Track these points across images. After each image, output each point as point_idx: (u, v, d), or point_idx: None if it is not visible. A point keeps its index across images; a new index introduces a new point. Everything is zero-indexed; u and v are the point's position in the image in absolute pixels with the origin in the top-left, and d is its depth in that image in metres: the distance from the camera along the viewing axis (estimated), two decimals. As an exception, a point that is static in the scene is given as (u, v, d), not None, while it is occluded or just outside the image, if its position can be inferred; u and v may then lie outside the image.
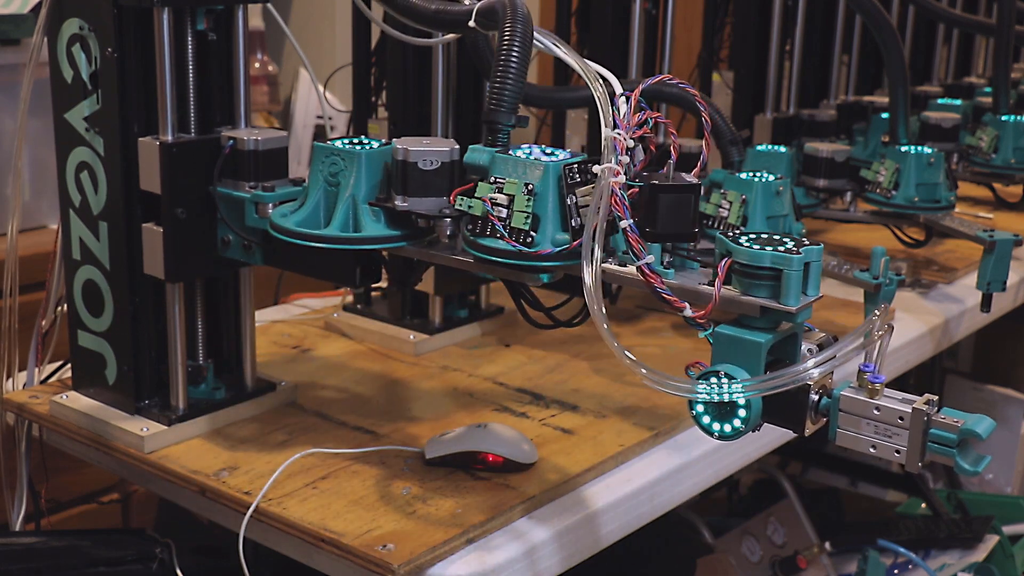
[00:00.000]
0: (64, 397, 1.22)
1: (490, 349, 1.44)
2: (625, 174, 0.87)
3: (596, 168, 0.87)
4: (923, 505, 2.20)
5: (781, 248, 0.83)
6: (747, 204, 1.32)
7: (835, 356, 0.83)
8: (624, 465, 1.16)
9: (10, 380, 1.28)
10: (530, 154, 0.94)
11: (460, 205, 0.95)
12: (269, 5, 1.29)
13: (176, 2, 1.09)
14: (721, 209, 1.34)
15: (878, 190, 1.65)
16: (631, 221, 0.86)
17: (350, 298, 1.53)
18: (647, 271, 0.86)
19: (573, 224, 0.92)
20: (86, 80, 1.13)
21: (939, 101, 2.08)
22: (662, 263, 0.90)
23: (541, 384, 1.33)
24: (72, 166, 1.17)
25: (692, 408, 0.86)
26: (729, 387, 0.83)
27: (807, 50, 1.95)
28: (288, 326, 1.50)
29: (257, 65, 2.67)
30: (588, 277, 0.86)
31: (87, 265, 1.18)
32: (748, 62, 1.95)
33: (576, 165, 0.93)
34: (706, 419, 0.86)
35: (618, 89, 0.92)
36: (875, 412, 0.82)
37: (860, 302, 1.29)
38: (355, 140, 1.05)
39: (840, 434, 0.84)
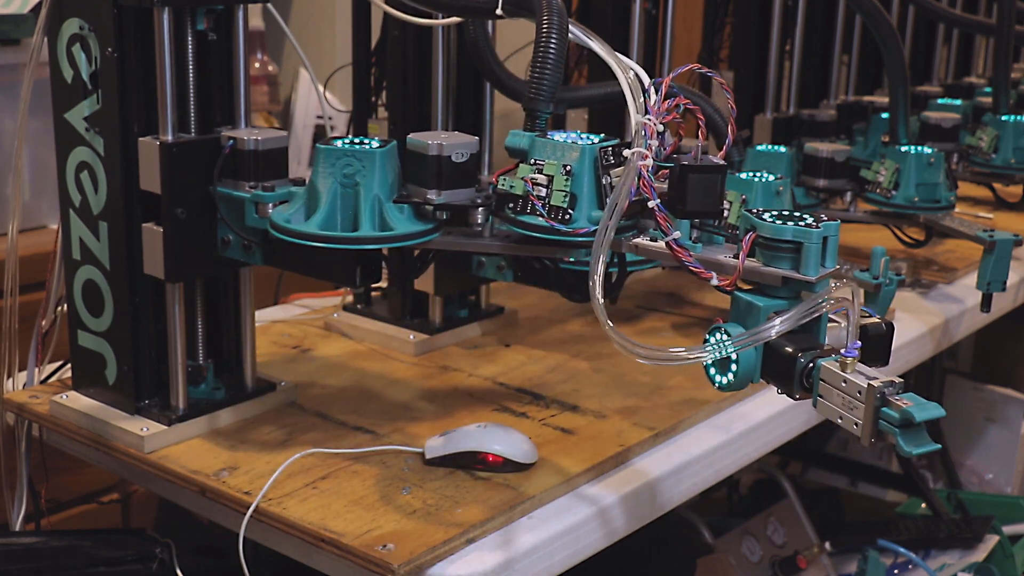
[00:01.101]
0: (64, 397, 1.22)
1: (490, 349, 1.44)
2: (656, 157, 0.94)
3: (626, 152, 0.93)
4: (923, 505, 2.20)
5: (802, 223, 0.89)
6: (747, 204, 1.32)
7: (794, 317, 0.87)
8: (624, 465, 1.16)
9: (10, 380, 1.28)
10: (567, 138, 1.00)
11: (503, 185, 1.01)
12: (269, 5, 1.29)
13: (176, 2, 1.09)
14: (721, 209, 1.33)
15: (878, 190, 1.65)
16: (658, 201, 0.92)
17: (350, 298, 1.53)
18: (675, 246, 0.94)
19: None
20: (86, 80, 1.13)
21: (939, 101, 2.08)
22: (691, 238, 0.96)
23: (541, 384, 1.33)
24: (72, 166, 1.17)
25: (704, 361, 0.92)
26: (719, 342, 0.90)
27: (807, 50, 1.95)
28: (288, 326, 1.50)
29: (257, 65, 2.67)
30: (597, 250, 0.91)
31: (87, 265, 1.18)
32: (748, 62, 1.94)
33: (611, 148, 1.00)
34: (712, 370, 0.93)
35: (646, 79, 0.97)
36: (843, 384, 0.85)
37: (860, 302, 1.29)
38: (355, 140, 1.05)
39: (819, 402, 0.88)
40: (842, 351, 0.86)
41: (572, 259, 1.16)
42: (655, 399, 1.28)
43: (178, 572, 1.21)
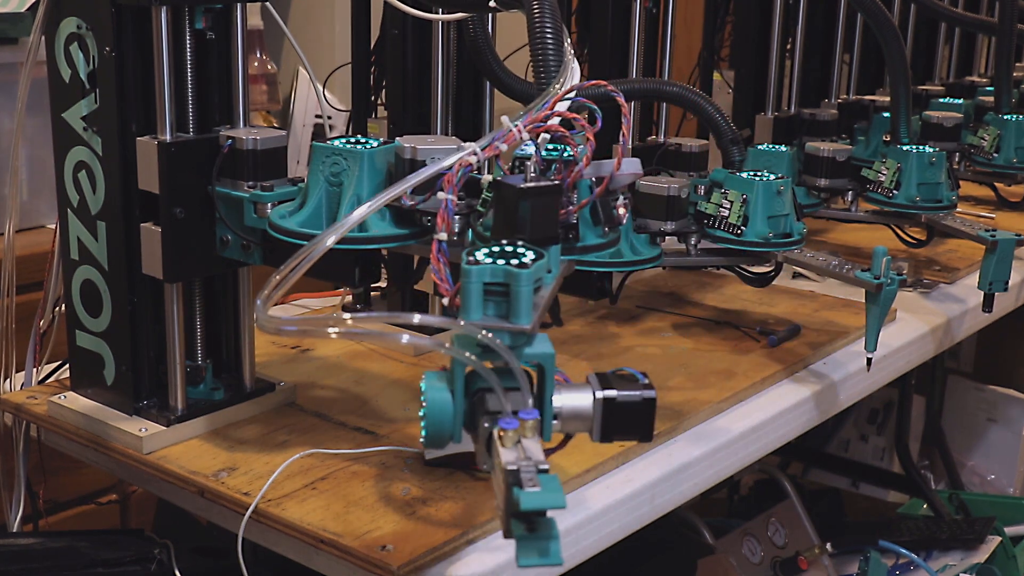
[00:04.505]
0: (62, 397, 1.21)
1: (490, 349, 1.43)
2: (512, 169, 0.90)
3: (470, 144, 0.89)
4: (925, 506, 2.20)
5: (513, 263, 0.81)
6: (748, 203, 1.32)
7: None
8: (624, 466, 1.16)
9: (8, 381, 1.28)
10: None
11: None
12: (268, 4, 1.29)
13: (174, 1, 1.09)
14: (722, 209, 1.33)
15: (879, 189, 1.64)
16: (451, 196, 0.87)
17: (350, 298, 1.53)
18: (434, 249, 0.87)
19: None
20: (84, 79, 1.13)
21: (941, 100, 2.07)
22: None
23: (541, 384, 1.32)
24: (70, 166, 1.16)
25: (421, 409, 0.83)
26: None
27: (808, 49, 1.95)
28: (287, 326, 1.49)
29: (256, 64, 2.66)
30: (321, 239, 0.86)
31: (85, 265, 1.18)
32: (749, 61, 1.94)
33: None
34: (422, 423, 0.82)
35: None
36: (495, 460, 0.74)
37: (861, 302, 1.29)
38: (354, 139, 1.05)
39: (492, 477, 0.76)
40: (500, 421, 0.74)
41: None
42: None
43: (177, 573, 1.21)
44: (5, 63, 1.90)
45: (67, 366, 1.25)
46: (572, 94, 0.92)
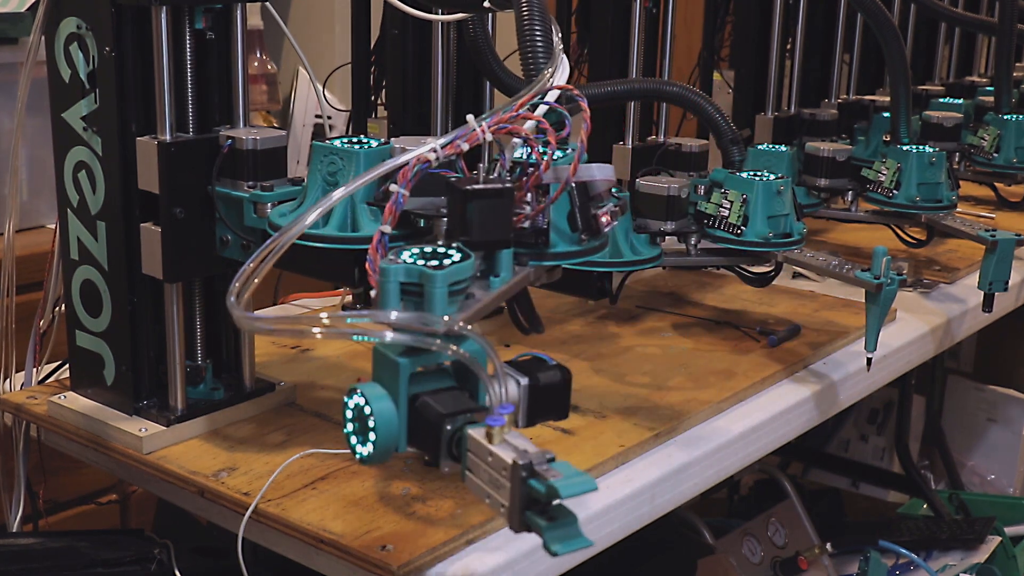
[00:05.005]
0: (62, 397, 1.21)
1: (490, 349, 1.43)
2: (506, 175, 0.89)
3: (431, 141, 0.89)
4: (925, 506, 2.20)
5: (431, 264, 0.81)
6: (748, 203, 1.32)
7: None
8: (624, 466, 1.16)
9: (8, 381, 1.28)
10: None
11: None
12: (268, 4, 1.29)
13: (174, 1, 1.09)
14: (722, 209, 1.33)
15: (879, 189, 1.64)
16: (403, 191, 0.87)
17: (349, 298, 1.52)
18: (375, 240, 0.86)
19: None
20: (84, 79, 1.12)
21: (941, 100, 2.07)
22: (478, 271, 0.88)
23: (541, 384, 1.32)
24: (70, 166, 1.16)
25: (344, 427, 0.82)
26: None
27: (808, 49, 1.95)
28: (287, 326, 1.49)
29: (256, 64, 2.67)
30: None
31: (85, 265, 1.17)
32: (749, 61, 1.94)
33: None
34: (353, 440, 0.82)
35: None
36: (489, 458, 0.74)
37: (862, 302, 1.29)
38: (353, 139, 1.05)
39: (468, 477, 0.76)
40: (487, 419, 0.74)
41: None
42: (655, 399, 1.28)
43: (176, 573, 1.21)
44: (5, 63, 1.90)
45: (67, 366, 1.25)
46: (538, 98, 0.92)
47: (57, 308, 1.26)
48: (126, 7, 1.09)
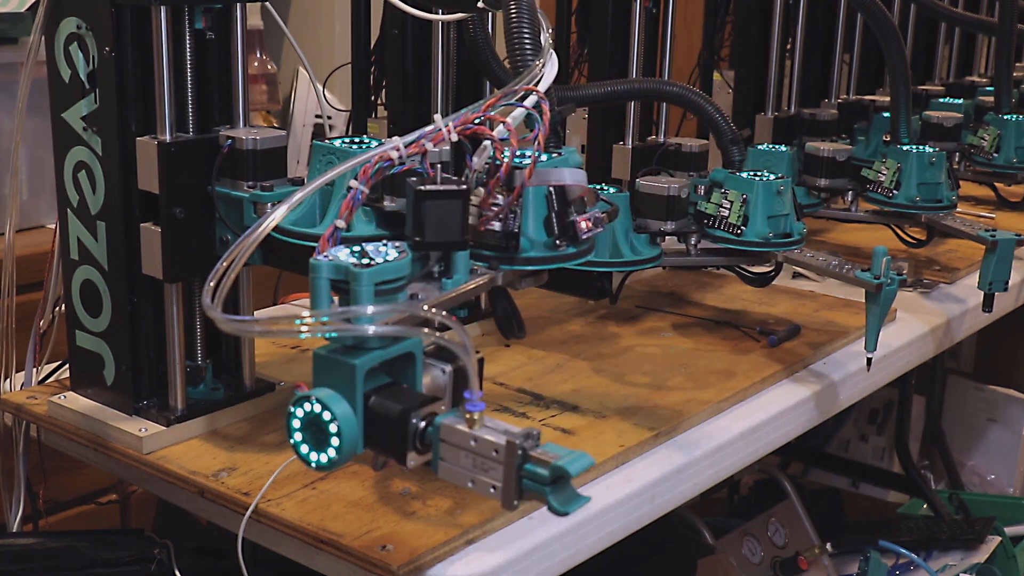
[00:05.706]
0: (62, 398, 1.21)
1: (490, 349, 1.43)
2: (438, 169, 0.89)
3: (395, 139, 0.89)
4: (925, 506, 2.20)
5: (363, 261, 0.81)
6: (748, 203, 1.32)
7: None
8: (624, 465, 1.16)
9: (8, 381, 1.28)
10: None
11: None
12: (268, 4, 1.29)
13: (174, 1, 1.09)
14: (722, 209, 1.33)
15: (879, 189, 1.64)
16: (363, 188, 0.87)
17: (349, 298, 1.52)
18: (327, 234, 0.86)
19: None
20: (84, 79, 1.12)
21: (941, 100, 2.08)
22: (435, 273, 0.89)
23: (541, 384, 1.32)
24: (70, 166, 1.16)
25: (290, 437, 0.82)
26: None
27: (808, 49, 1.95)
28: (287, 326, 1.49)
29: (256, 64, 2.67)
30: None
31: (85, 265, 1.17)
32: (749, 61, 1.94)
33: None
34: (304, 449, 0.81)
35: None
36: (472, 443, 0.76)
37: (861, 302, 1.29)
38: (354, 139, 1.05)
39: (442, 466, 0.78)
40: (466, 405, 0.76)
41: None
42: (655, 399, 1.28)
43: (176, 573, 1.21)
44: (5, 63, 1.90)
45: (67, 366, 1.25)
46: (504, 99, 0.92)
47: (57, 308, 1.26)
48: (126, 7, 1.09)
